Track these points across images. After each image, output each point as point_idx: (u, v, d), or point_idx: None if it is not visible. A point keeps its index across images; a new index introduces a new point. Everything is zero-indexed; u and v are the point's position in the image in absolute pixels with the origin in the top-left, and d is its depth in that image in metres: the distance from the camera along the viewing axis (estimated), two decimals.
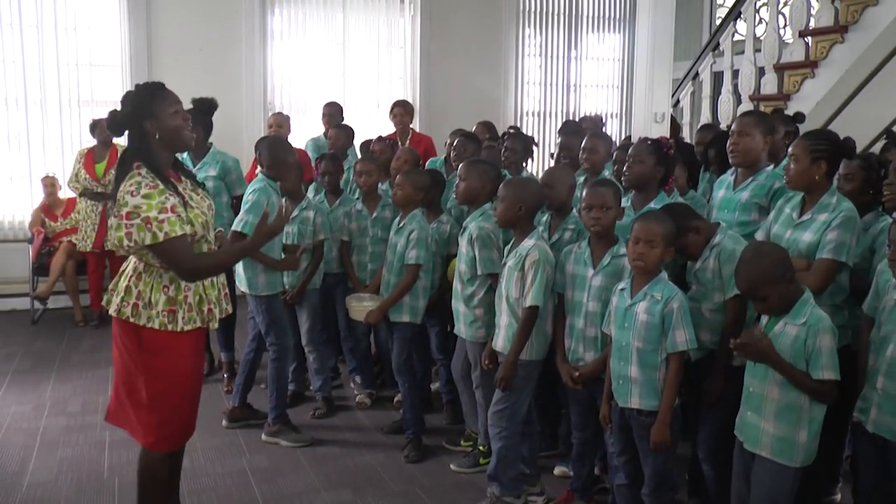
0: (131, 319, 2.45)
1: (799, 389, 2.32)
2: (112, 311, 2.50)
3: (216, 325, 2.64)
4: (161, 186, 2.40)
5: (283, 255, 3.75)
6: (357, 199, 4.36)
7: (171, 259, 2.41)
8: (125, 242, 2.36)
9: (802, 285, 2.41)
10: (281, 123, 5.57)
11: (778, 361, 2.32)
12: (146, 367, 2.49)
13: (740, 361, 2.72)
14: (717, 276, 2.72)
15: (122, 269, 2.58)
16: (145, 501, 2.63)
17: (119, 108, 2.50)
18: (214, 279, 2.65)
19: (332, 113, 5.74)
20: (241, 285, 3.78)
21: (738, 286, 2.49)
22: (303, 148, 5.73)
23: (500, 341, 3.07)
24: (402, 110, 5.97)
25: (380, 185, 4.58)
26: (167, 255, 2.40)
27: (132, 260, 2.53)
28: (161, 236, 2.34)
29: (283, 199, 3.72)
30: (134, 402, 2.54)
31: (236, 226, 3.64)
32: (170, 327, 2.46)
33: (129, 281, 2.49)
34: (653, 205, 3.08)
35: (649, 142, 3.17)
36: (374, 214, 4.18)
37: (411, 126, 6.11)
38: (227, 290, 2.74)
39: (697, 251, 2.78)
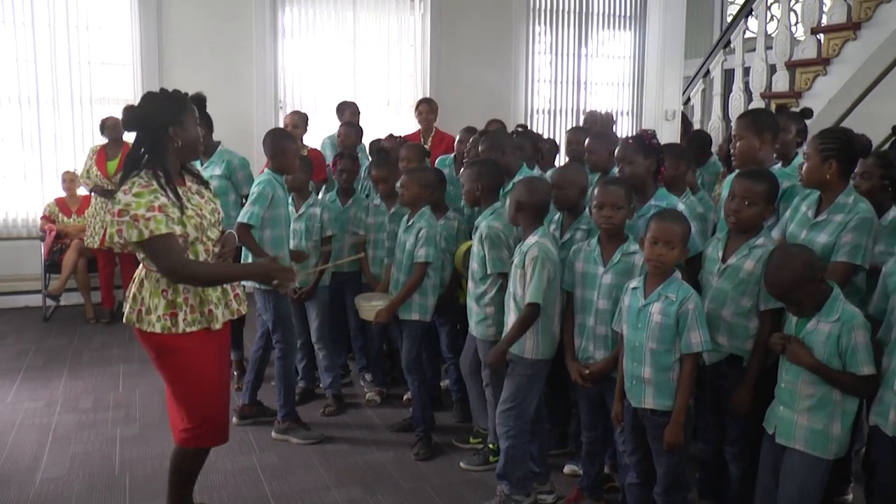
0: (137, 325, 2.53)
1: (837, 388, 2.32)
2: (125, 320, 2.58)
3: (218, 326, 2.59)
4: (154, 186, 2.42)
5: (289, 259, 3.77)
6: (367, 196, 4.36)
7: (156, 257, 2.43)
8: (115, 239, 2.42)
9: (831, 282, 2.41)
10: (297, 123, 5.55)
11: (815, 365, 2.33)
12: (164, 368, 2.59)
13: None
14: (753, 281, 2.66)
15: (134, 276, 2.64)
16: (171, 491, 2.77)
17: (140, 107, 2.50)
18: None
19: (350, 112, 5.75)
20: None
21: (770, 292, 2.47)
22: (319, 147, 5.74)
23: None
24: (427, 107, 5.94)
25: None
26: (153, 253, 2.43)
27: (141, 267, 2.59)
28: (146, 233, 2.37)
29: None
30: (169, 401, 2.66)
31: (242, 217, 3.62)
32: (173, 330, 2.50)
33: (135, 288, 2.57)
34: (653, 202, 3.08)
35: (631, 140, 3.15)
36: (392, 210, 4.15)
37: (435, 124, 6.06)
38: (237, 291, 2.72)
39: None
